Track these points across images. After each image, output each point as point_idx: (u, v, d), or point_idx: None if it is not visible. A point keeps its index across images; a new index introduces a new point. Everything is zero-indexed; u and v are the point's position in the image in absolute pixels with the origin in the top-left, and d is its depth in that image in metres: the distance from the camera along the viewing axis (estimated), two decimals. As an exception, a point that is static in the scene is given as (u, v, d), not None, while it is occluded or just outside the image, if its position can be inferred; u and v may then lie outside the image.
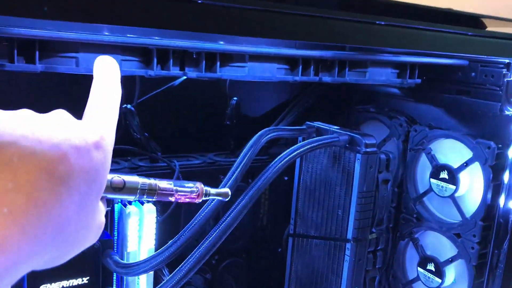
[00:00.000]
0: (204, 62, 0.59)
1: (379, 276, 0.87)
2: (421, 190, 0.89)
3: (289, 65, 0.66)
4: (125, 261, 0.71)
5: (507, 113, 0.77)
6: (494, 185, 0.79)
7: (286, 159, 0.70)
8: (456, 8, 0.76)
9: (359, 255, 0.82)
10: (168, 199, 0.37)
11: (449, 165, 0.83)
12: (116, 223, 0.75)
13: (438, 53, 0.75)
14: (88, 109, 0.32)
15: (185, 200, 0.39)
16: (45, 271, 0.63)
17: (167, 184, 0.37)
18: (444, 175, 0.85)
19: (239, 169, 0.68)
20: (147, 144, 0.80)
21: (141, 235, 0.74)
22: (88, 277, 0.70)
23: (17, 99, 0.75)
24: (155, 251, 0.74)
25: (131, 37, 0.52)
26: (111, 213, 0.75)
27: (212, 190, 0.41)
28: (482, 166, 0.80)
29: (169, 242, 0.66)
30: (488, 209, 0.80)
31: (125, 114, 0.78)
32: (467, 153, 0.82)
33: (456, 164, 0.83)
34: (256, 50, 0.61)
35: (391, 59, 0.73)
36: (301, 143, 0.75)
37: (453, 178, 0.83)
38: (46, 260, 0.29)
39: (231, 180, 0.67)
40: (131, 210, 0.73)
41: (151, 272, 0.74)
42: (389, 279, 0.96)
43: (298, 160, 0.91)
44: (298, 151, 0.72)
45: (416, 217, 0.90)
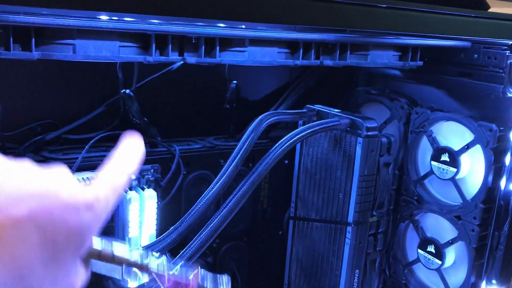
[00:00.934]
0: (203, 47, 0.58)
1: (379, 258, 0.87)
2: (422, 173, 0.89)
3: (289, 49, 0.65)
4: (126, 247, 0.71)
5: (509, 95, 0.77)
6: (495, 167, 0.79)
7: (287, 144, 0.70)
8: (459, -11, 0.74)
9: (359, 238, 0.82)
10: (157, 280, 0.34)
11: (450, 147, 0.83)
12: (117, 210, 0.75)
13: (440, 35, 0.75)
14: (99, 173, 0.32)
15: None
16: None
17: (161, 266, 0.34)
18: (445, 157, 0.84)
19: (240, 154, 0.68)
20: (147, 129, 0.80)
21: (142, 220, 0.74)
22: (90, 263, 0.70)
23: (15, 87, 0.74)
24: (156, 236, 0.75)
25: (129, 23, 0.52)
26: (111, 199, 0.75)
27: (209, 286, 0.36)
28: (484, 149, 0.79)
29: (170, 229, 0.66)
30: (489, 191, 0.80)
31: (124, 99, 0.77)
32: (468, 135, 0.81)
33: (457, 146, 0.82)
34: (256, 34, 0.60)
35: (393, 42, 0.72)
36: (302, 127, 0.74)
37: (454, 161, 0.83)
38: None
39: (232, 166, 0.67)
40: (131, 196, 0.73)
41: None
42: (389, 261, 0.97)
43: (298, 143, 0.91)
44: (299, 135, 0.72)
45: (416, 199, 0.90)
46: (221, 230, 0.70)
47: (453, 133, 0.85)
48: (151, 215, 0.74)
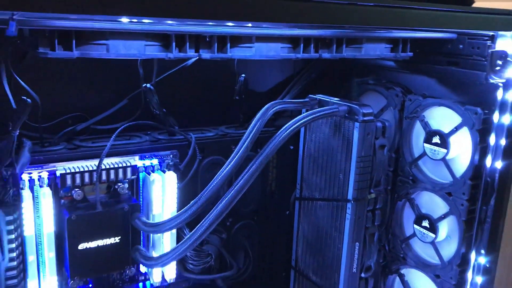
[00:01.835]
0: (216, 45, 0.67)
1: (378, 233, 0.96)
2: (416, 155, 0.97)
3: (291, 44, 0.74)
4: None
5: (491, 81, 0.84)
6: (481, 147, 0.87)
7: (291, 128, 0.78)
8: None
9: (359, 213, 0.90)
10: None
11: (440, 130, 0.91)
12: (141, 189, 0.84)
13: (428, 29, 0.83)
14: None
15: None
16: (82, 233, 0.74)
17: None
18: (436, 139, 0.93)
19: (248, 139, 0.77)
20: (166, 119, 0.89)
21: (164, 199, 0.83)
22: (120, 237, 0.79)
23: (49, 84, 0.83)
24: (176, 213, 0.84)
25: (152, 24, 0.60)
26: (136, 180, 0.84)
27: None
28: (470, 130, 0.88)
29: (189, 204, 0.75)
30: (476, 169, 0.88)
31: (145, 92, 0.86)
32: (457, 119, 0.90)
33: (447, 129, 0.90)
34: (261, 32, 0.68)
35: (384, 35, 0.81)
36: (304, 114, 0.83)
37: (444, 142, 0.91)
38: None
39: (242, 148, 0.76)
40: (155, 177, 0.82)
41: (174, 231, 0.83)
42: (388, 237, 1.05)
43: (302, 130, 1.00)
44: (302, 121, 0.80)
45: (411, 179, 0.98)
46: (234, 209, 0.80)
47: (443, 117, 0.93)
48: (172, 194, 0.83)
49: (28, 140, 0.76)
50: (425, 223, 0.97)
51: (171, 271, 0.87)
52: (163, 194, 0.83)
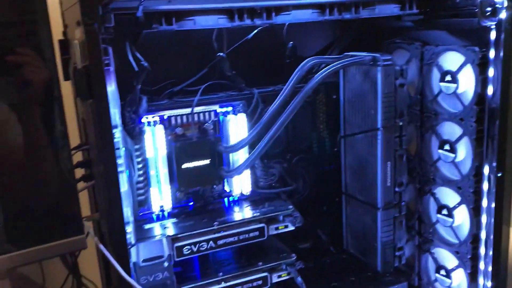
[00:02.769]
0: (264, 14, 0.98)
1: (406, 155, 1.21)
2: (435, 93, 1.22)
3: (320, 9, 1.04)
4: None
5: (483, 25, 1.08)
6: (481, 78, 1.10)
7: (327, 71, 1.07)
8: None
9: (387, 138, 1.17)
10: None
11: (450, 70, 1.15)
12: (221, 127, 1.17)
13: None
14: None
15: None
16: (184, 156, 1.08)
17: None
18: (448, 78, 1.16)
19: (291, 82, 1.06)
20: (235, 79, 1.21)
21: (238, 132, 1.15)
22: (210, 160, 1.13)
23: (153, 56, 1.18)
24: (248, 144, 1.15)
25: (222, 3, 0.93)
26: (217, 122, 1.17)
27: None
28: (472, 66, 1.11)
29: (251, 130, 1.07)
30: (479, 96, 1.10)
31: (219, 60, 1.19)
32: (461, 58, 1.13)
33: (455, 68, 1.14)
34: (296, 2, 0.99)
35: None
36: (337, 61, 1.11)
37: (454, 79, 1.15)
38: None
39: (286, 90, 1.06)
40: (230, 118, 1.15)
41: (246, 154, 1.15)
42: (420, 163, 1.29)
43: (341, 81, 1.28)
44: (335, 66, 1.08)
45: (434, 113, 1.22)
46: (292, 145, 1.09)
47: (452, 60, 1.15)
48: (242, 129, 1.15)
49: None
50: (447, 147, 1.20)
51: (247, 186, 1.19)
52: (236, 129, 1.15)
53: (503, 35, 1.05)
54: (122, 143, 0.90)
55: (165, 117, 1.11)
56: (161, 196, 1.11)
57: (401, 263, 1.30)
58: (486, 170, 1.14)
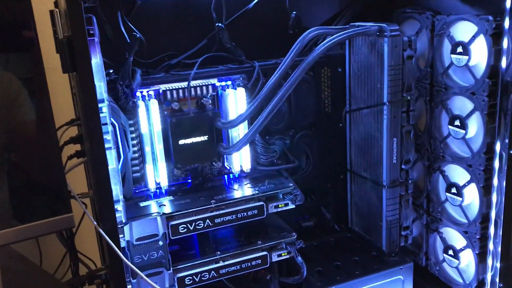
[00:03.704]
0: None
1: (414, 131, 1.16)
2: (446, 65, 1.15)
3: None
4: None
5: (499, -7, 1.01)
6: (495, 49, 1.03)
7: (330, 42, 1.01)
8: None
9: (394, 113, 1.11)
10: None
11: (462, 41, 1.09)
12: (220, 102, 1.12)
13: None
14: None
15: None
16: (181, 132, 1.03)
17: None
18: (460, 49, 1.10)
19: (292, 53, 1.01)
20: (235, 51, 1.16)
21: (237, 108, 1.10)
22: (207, 136, 1.08)
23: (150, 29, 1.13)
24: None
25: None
26: (216, 96, 1.12)
27: None
28: (485, 36, 1.04)
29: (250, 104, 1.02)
30: (492, 69, 1.04)
31: (218, 30, 1.13)
32: (474, 29, 1.07)
33: (467, 39, 1.08)
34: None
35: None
36: (342, 31, 1.05)
37: (466, 51, 1.08)
38: None
39: (287, 61, 1.00)
40: (229, 92, 1.10)
41: (245, 129, 1.11)
42: (430, 140, 1.24)
43: (347, 54, 1.22)
44: (339, 36, 1.03)
45: (444, 87, 1.16)
46: (295, 121, 1.05)
47: (464, 30, 1.09)
48: (242, 103, 1.11)
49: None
50: (457, 122, 1.15)
51: (247, 163, 1.15)
52: (236, 104, 1.10)
53: (519, 2, 0.98)
54: (110, 119, 0.86)
55: (160, 91, 1.07)
56: (157, 173, 1.07)
57: (407, 242, 1.26)
58: (497, 147, 1.09)
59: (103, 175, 0.78)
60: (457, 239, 1.21)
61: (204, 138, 1.08)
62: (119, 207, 0.87)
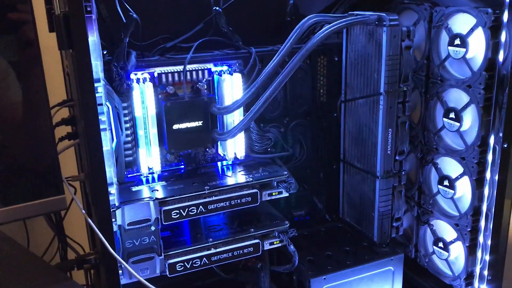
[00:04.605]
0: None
1: (408, 122, 1.15)
2: (443, 57, 1.15)
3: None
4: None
5: (497, -16, 1.00)
6: (493, 42, 1.03)
7: (328, 30, 1.00)
8: None
9: (390, 103, 1.11)
10: None
11: (460, 33, 1.08)
12: (216, 88, 1.10)
13: None
14: None
15: None
16: (175, 116, 1.01)
17: None
18: (457, 41, 1.09)
19: (290, 40, 0.99)
20: (232, 36, 1.14)
21: (233, 93, 1.09)
22: (202, 121, 1.07)
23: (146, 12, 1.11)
24: (243, 105, 1.09)
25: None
26: (212, 81, 1.10)
27: None
28: (483, 29, 1.04)
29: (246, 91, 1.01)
30: (489, 62, 1.04)
31: (215, 14, 1.11)
32: (473, 21, 1.06)
33: (465, 31, 1.07)
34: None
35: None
36: (341, 19, 1.04)
37: (464, 43, 1.08)
38: None
39: (285, 48, 0.99)
40: (225, 77, 1.08)
41: (241, 115, 1.09)
42: (424, 133, 1.24)
43: (344, 42, 1.21)
44: (337, 25, 1.01)
45: (440, 79, 1.16)
46: (289, 109, 1.03)
47: (462, 22, 1.08)
48: (238, 89, 1.09)
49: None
50: (452, 115, 1.14)
51: (241, 151, 1.14)
52: (231, 89, 1.08)
53: (519, -5, 0.98)
54: (105, 99, 0.84)
55: (155, 74, 1.05)
56: (150, 157, 1.06)
57: (398, 234, 1.26)
58: (491, 140, 1.09)
59: (97, 156, 0.77)
60: (447, 231, 1.21)
61: (199, 123, 1.07)
62: (113, 190, 0.85)
